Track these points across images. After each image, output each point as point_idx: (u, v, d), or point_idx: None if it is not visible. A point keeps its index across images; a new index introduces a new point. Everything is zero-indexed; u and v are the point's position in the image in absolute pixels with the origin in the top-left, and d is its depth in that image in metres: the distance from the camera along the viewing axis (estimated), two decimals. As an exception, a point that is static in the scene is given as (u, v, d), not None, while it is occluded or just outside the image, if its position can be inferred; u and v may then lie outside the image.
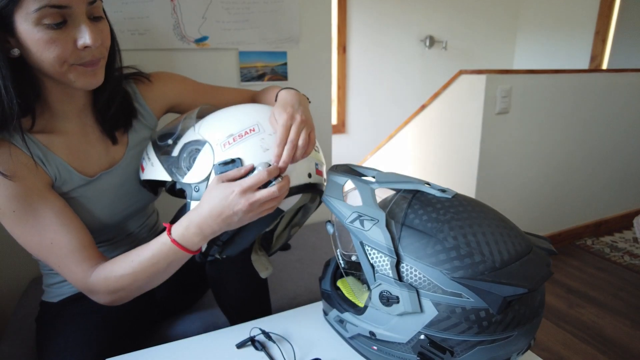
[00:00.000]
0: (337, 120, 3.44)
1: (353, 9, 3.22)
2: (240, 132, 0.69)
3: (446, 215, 0.58)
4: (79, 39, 0.66)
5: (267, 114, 0.74)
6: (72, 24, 0.66)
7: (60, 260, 0.72)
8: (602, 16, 3.29)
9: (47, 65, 0.67)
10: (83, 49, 0.67)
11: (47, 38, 0.64)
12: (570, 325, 1.76)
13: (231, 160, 0.67)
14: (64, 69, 0.68)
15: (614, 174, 2.59)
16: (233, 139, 0.69)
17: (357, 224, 0.60)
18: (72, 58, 0.67)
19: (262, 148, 0.68)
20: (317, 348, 0.69)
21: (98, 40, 0.68)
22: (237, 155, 0.68)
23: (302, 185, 0.72)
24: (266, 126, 0.71)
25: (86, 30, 0.66)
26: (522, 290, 0.49)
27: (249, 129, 0.70)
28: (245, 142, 0.69)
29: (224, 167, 0.67)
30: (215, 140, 0.70)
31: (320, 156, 0.78)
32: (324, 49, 1.58)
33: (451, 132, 2.14)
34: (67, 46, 0.66)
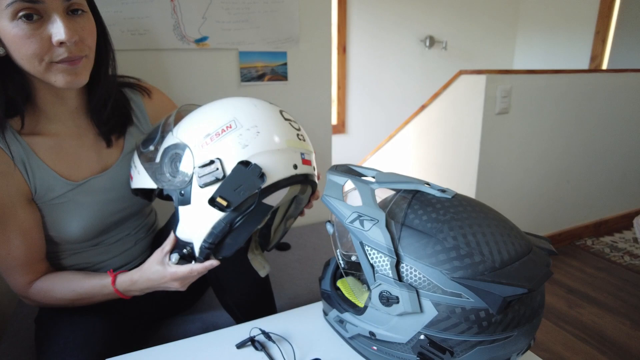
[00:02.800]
0: (337, 120, 3.44)
1: (353, 9, 3.22)
2: (217, 131, 0.67)
3: (446, 216, 0.58)
4: (54, 35, 0.65)
5: (245, 106, 0.71)
6: (48, 19, 0.64)
7: (9, 268, 0.77)
8: (602, 16, 3.29)
9: (26, 62, 0.66)
10: (59, 45, 0.65)
11: (23, 34, 0.63)
12: (570, 326, 1.76)
13: (210, 162, 0.65)
14: (42, 67, 0.67)
15: (614, 174, 2.59)
16: (210, 139, 0.67)
17: (357, 224, 0.60)
18: (48, 55, 0.66)
19: (240, 145, 0.66)
20: (317, 348, 0.69)
21: (74, 36, 0.66)
22: (216, 155, 0.66)
23: (288, 178, 0.69)
24: (244, 120, 0.68)
25: (61, 26, 0.64)
26: (522, 290, 0.49)
27: (226, 126, 0.67)
28: (222, 140, 0.66)
29: (204, 169, 0.65)
30: (193, 142, 0.68)
31: (306, 145, 0.74)
32: (324, 49, 1.58)
33: (451, 132, 2.14)
34: (44, 43, 0.65)
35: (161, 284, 0.75)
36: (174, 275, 0.72)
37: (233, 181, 0.65)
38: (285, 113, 0.74)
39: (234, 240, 0.70)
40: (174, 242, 0.74)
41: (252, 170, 0.65)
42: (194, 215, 0.69)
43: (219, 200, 0.65)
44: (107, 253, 0.88)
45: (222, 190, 0.65)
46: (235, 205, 0.65)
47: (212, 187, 0.65)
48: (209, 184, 0.65)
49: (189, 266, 0.72)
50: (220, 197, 0.65)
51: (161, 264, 0.74)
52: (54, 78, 0.68)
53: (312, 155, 0.76)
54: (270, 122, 0.69)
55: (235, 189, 0.65)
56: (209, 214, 0.67)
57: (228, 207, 0.65)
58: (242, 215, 0.67)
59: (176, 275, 0.72)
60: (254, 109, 0.70)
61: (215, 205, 0.65)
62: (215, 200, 0.65)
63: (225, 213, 0.66)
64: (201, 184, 0.65)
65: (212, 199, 0.65)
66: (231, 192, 0.65)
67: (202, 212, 0.67)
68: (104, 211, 0.83)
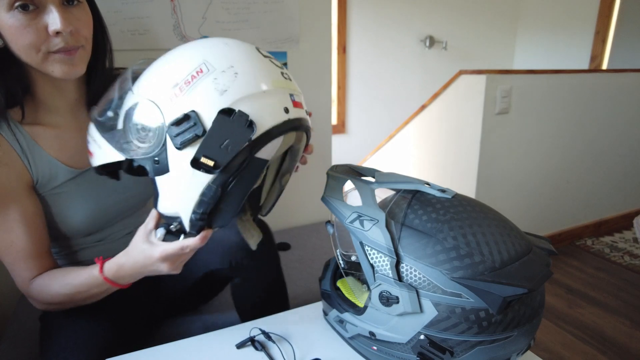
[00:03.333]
0: (337, 120, 3.44)
1: (353, 9, 3.22)
2: (186, 78, 0.56)
3: (446, 216, 0.58)
4: (50, 25, 0.65)
5: (214, 46, 0.60)
6: (44, 9, 0.65)
7: (14, 261, 0.75)
8: (602, 16, 3.29)
9: (23, 53, 0.67)
10: (55, 35, 0.66)
11: (19, 24, 0.64)
12: (570, 325, 1.76)
13: (184, 117, 0.55)
14: (40, 57, 0.67)
15: (614, 174, 2.59)
16: (179, 89, 0.56)
17: (357, 224, 0.60)
18: (45, 45, 0.67)
19: (217, 91, 0.55)
20: (317, 348, 0.69)
21: (69, 26, 0.66)
22: (190, 108, 0.55)
23: (281, 124, 0.58)
24: (216, 62, 0.57)
25: (57, 16, 0.65)
26: (522, 290, 0.49)
27: (196, 71, 0.56)
28: (194, 88, 0.55)
29: (178, 127, 0.55)
30: (160, 96, 0.57)
31: (294, 84, 0.63)
32: (324, 49, 1.58)
33: (451, 132, 2.14)
34: (40, 33, 0.65)
35: (148, 267, 0.65)
36: (164, 253, 0.62)
37: (216, 135, 0.54)
38: (262, 50, 0.63)
39: (228, 205, 0.60)
40: (157, 218, 0.65)
41: (237, 120, 0.55)
42: (176, 183, 0.58)
43: (203, 161, 0.55)
44: (114, 249, 0.88)
45: (206, 148, 0.55)
46: (224, 163, 0.55)
47: (192, 146, 0.55)
48: (188, 144, 0.55)
49: (179, 242, 0.62)
50: (204, 156, 0.55)
51: (147, 242, 0.64)
52: (51, 68, 0.69)
53: (302, 97, 0.66)
54: (248, 61, 0.58)
55: (220, 145, 0.55)
56: (195, 180, 0.57)
57: (216, 168, 0.55)
58: (235, 175, 0.57)
59: (165, 253, 0.62)
60: (225, 47, 0.59)
61: (200, 167, 0.55)
62: (199, 161, 0.55)
63: (214, 175, 0.56)
64: (178, 144, 0.55)
65: (195, 160, 0.55)
66: (217, 149, 0.55)
67: (186, 178, 0.57)
68: (107, 200, 0.83)
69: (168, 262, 0.64)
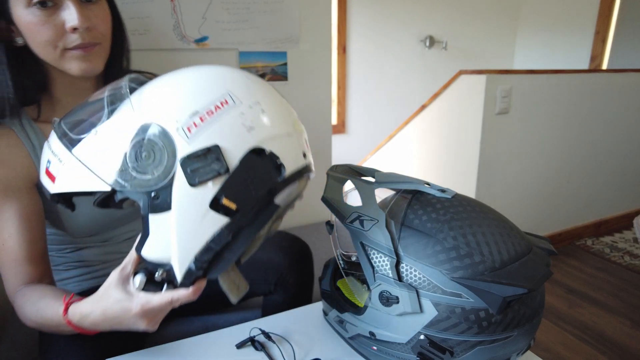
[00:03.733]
0: (337, 120, 3.44)
1: (353, 9, 3.22)
2: (209, 107, 0.50)
3: (446, 216, 0.58)
4: (67, 21, 0.65)
5: (237, 77, 0.54)
6: (61, 5, 0.65)
7: (4, 262, 0.71)
8: (602, 16, 3.29)
9: (41, 50, 0.67)
10: (72, 31, 0.66)
11: (37, 21, 0.64)
12: (570, 325, 1.76)
13: (206, 151, 0.48)
14: (57, 54, 0.67)
15: (614, 174, 2.59)
16: (200, 119, 0.49)
17: (357, 224, 0.60)
18: (62, 41, 0.66)
19: (245, 127, 0.50)
20: (317, 348, 0.69)
21: (86, 22, 0.66)
22: (213, 142, 0.48)
23: (301, 169, 0.55)
24: (242, 95, 0.52)
25: (74, 12, 0.65)
26: (522, 290, 0.49)
27: (220, 102, 0.50)
28: (218, 120, 0.49)
29: (197, 161, 0.48)
30: (174, 122, 0.49)
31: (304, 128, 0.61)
32: (324, 49, 1.58)
33: (451, 132, 2.14)
34: (57, 29, 0.65)
35: (124, 321, 0.55)
36: (146, 307, 0.52)
37: (243, 175, 0.49)
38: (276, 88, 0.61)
39: (231, 253, 0.53)
40: (136, 262, 0.56)
41: (268, 160, 0.50)
42: (178, 225, 0.50)
43: (225, 203, 0.49)
44: (115, 252, 0.88)
45: (229, 189, 0.49)
46: (248, 207, 0.50)
47: (209, 184, 0.49)
48: (206, 180, 0.48)
49: (168, 295, 0.53)
50: (226, 197, 0.49)
51: (123, 291, 0.54)
52: (69, 65, 0.69)
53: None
54: (272, 99, 0.55)
55: (245, 187, 0.49)
56: (206, 223, 0.49)
57: (237, 211, 0.50)
58: (251, 220, 0.51)
59: (148, 307, 0.52)
60: (248, 81, 0.54)
61: (220, 209, 0.49)
62: (219, 202, 0.49)
63: (231, 219, 0.50)
64: (195, 181, 0.48)
65: (216, 201, 0.49)
66: (240, 191, 0.49)
67: (194, 220, 0.49)
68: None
69: (148, 318, 0.55)
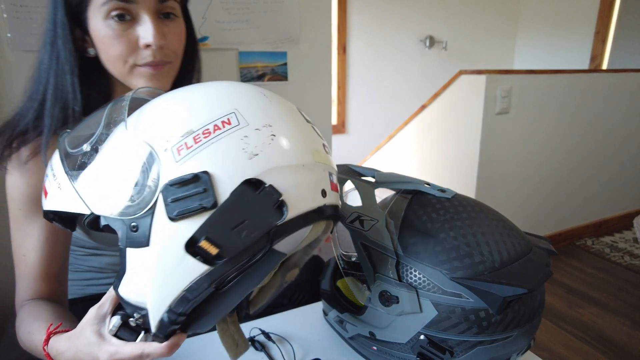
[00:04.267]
0: (337, 120, 3.44)
1: (353, 9, 3.22)
2: (206, 127, 0.41)
3: (446, 216, 0.58)
4: (142, 37, 0.64)
5: (250, 95, 0.45)
6: (138, 20, 0.64)
7: (20, 273, 0.72)
8: (602, 16, 3.29)
9: (111, 63, 0.66)
10: (145, 47, 0.65)
11: (112, 34, 0.63)
12: (570, 326, 1.76)
13: (193, 178, 0.39)
14: (126, 69, 0.66)
15: (614, 174, 2.59)
16: (193, 140, 0.40)
17: (357, 224, 0.60)
18: (133, 57, 0.65)
19: (246, 153, 0.40)
20: (316, 348, 0.69)
21: (161, 40, 0.65)
22: (203, 167, 0.39)
23: (315, 211, 0.43)
24: (250, 115, 0.43)
25: (150, 28, 0.63)
26: (522, 290, 0.49)
27: (221, 121, 0.41)
28: (215, 143, 0.40)
29: (180, 190, 0.39)
30: (162, 142, 0.41)
31: (332, 161, 0.50)
32: (324, 49, 1.58)
33: (451, 132, 2.14)
34: (131, 44, 0.64)
35: None
36: (114, 357, 0.46)
37: (232, 213, 0.39)
38: (304, 113, 0.50)
39: (217, 308, 0.44)
40: (115, 301, 0.49)
41: (265, 197, 0.40)
42: (154, 265, 0.41)
43: (203, 246, 0.39)
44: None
45: (212, 228, 0.39)
46: (233, 253, 0.39)
47: (191, 220, 0.39)
48: (187, 215, 0.39)
49: (139, 347, 0.45)
50: (207, 239, 0.39)
51: (95, 333, 0.48)
52: (136, 82, 0.67)
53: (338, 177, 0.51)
54: (289, 122, 0.45)
55: (234, 227, 0.39)
56: (183, 267, 0.40)
57: (219, 258, 0.39)
58: (240, 271, 0.41)
59: (116, 357, 0.46)
60: (263, 100, 0.45)
61: (198, 253, 0.39)
62: (197, 244, 0.39)
63: (212, 267, 0.40)
64: (173, 214, 0.39)
65: (192, 242, 0.39)
66: (226, 232, 0.39)
67: (170, 262, 0.40)
68: None
69: None
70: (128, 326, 0.47)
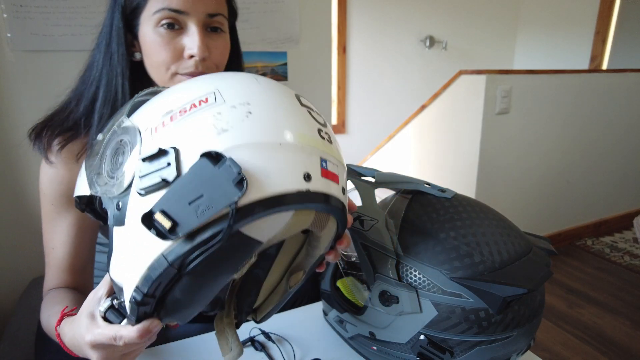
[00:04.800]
0: (337, 120, 3.44)
1: (353, 9, 3.22)
2: (184, 107, 0.41)
3: (446, 216, 0.58)
4: (187, 48, 0.66)
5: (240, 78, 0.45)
6: (186, 31, 0.67)
7: (49, 264, 0.75)
8: (602, 16, 3.29)
9: (154, 69, 0.68)
10: (189, 57, 0.67)
11: (160, 41, 0.66)
12: (570, 325, 1.76)
13: (159, 152, 0.39)
14: (168, 76, 0.68)
15: (614, 174, 2.59)
16: (170, 118, 0.41)
17: (357, 224, 0.60)
18: (176, 65, 0.67)
19: (215, 129, 0.39)
20: (316, 348, 0.69)
21: (205, 52, 0.67)
22: (172, 144, 0.39)
23: (293, 195, 0.39)
24: (230, 94, 0.42)
25: (196, 40, 0.66)
26: (521, 290, 0.49)
27: (199, 100, 0.42)
28: (188, 119, 0.40)
29: (148, 164, 0.39)
30: (146, 122, 0.43)
31: (332, 150, 0.45)
32: (324, 49, 1.58)
33: (451, 132, 2.14)
34: (176, 52, 0.67)
35: (82, 347, 0.49)
36: (93, 338, 0.46)
37: (189, 187, 0.37)
38: (304, 99, 0.48)
39: (189, 296, 0.42)
40: (110, 284, 0.48)
41: (224, 171, 0.37)
42: (127, 242, 0.41)
43: (158, 218, 0.37)
44: None
45: (167, 201, 0.37)
46: (187, 230, 0.37)
47: (156, 195, 0.38)
48: (152, 189, 0.38)
49: (112, 329, 0.45)
50: (162, 212, 0.37)
51: (89, 315, 0.48)
52: None
53: (343, 171, 0.47)
54: (274, 102, 0.43)
55: (191, 202, 0.37)
56: (146, 244, 0.39)
57: (172, 232, 0.37)
58: (202, 251, 0.38)
59: (94, 339, 0.46)
60: (252, 82, 0.45)
61: (152, 226, 0.37)
62: (152, 217, 0.37)
63: (169, 242, 0.38)
64: (140, 189, 0.39)
65: (148, 216, 0.37)
66: (182, 207, 0.37)
67: (137, 238, 0.40)
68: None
69: (100, 353, 0.47)
70: (115, 309, 0.47)
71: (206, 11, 0.66)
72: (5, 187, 1.21)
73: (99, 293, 0.49)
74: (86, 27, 1.20)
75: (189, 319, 0.46)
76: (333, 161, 0.44)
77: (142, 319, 0.43)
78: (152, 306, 0.42)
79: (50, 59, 1.18)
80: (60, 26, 1.17)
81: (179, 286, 0.41)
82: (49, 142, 0.70)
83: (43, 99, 0.95)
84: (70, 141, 0.70)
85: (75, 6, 1.17)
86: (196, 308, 0.45)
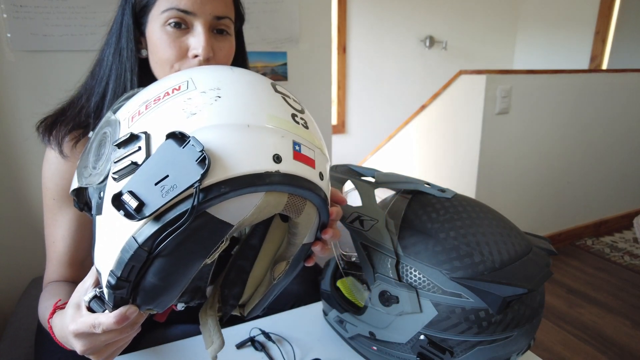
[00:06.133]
0: (337, 120, 3.44)
1: (353, 9, 3.22)
2: (158, 95, 0.43)
3: (446, 216, 0.58)
4: (192, 47, 0.67)
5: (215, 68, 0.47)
6: (192, 31, 0.68)
7: (49, 257, 0.77)
8: (602, 16, 3.29)
9: (158, 66, 0.69)
10: (193, 57, 0.68)
11: (166, 39, 0.67)
12: (570, 325, 1.76)
13: (130, 137, 0.40)
14: (170, 73, 0.68)
15: (614, 174, 2.59)
16: (145, 107, 0.43)
17: (357, 224, 0.60)
18: (179, 64, 0.68)
19: (184, 112, 0.40)
20: (316, 348, 0.69)
21: (209, 52, 0.68)
22: (144, 129, 0.40)
23: (260, 175, 0.38)
24: (202, 82, 0.43)
25: (202, 40, 0.67)
26: (521, 290, 0.49)
27: (173, 88, 0.43)
28: (161, 106, 0.42)
29: (122, 150, 0.40)
30: (125, 113, 0.45)
31: (307, 134, 0.45)
32: (324, 49, 1.58)
33: (451, 132, 2.14)
34: (181, 51, 0.68)
35: (67, 337, 0.49)
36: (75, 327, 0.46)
37: (155, 167, 0.38)
38: (280, 87, 0.48)
39: (161, 280, 0.41)
40: (96, 275, 0.49)
41: (188, 151, 0.37)
42: (103, 228, 0.42)
43: (126, 199, 0.37)
44: None
45: (136, 183, 0.38)
46: (154, 208, 0.37)
47: (128, 179, 0.39)
48: (124, 174, 0.39)
49: (91, 317, 0.45)
50: (129, 193, 0.37)
51: (75, 305, 0.48)
52: None
53: (319, 155, 0.45)
54: (244, 87, 0.43)
55: (157, 182, 0.37)
56: (118, 227, 0.39)
57: (139, 212, 0.37)
58: (170, 232, 0.38)
59: (75, 328, 0.46)
60: (226, 72, 0.46)
61: (120, 206, 0.37)
62: (121, 198, 0.38)
63: (140, 224, 0.38)
64: (113, 173, 0.40)
65: (117, 197, 0.38)
66: (149, 187, 0.37)
67: (111, 222, 0.40)
68: None
69: (82, 341, 0.47)
70: (99, 298, 0.47)
71: (213, 13, 0.67)
72: (5, 187, 1.21)
73: (86, 284, 0.49)
74: (86, 27, 1.20)
75: (167, 306, 0.46)
76: (308, 145, 0.44)
77: (119, 305, 0.43)
78: (128, 291, 0.42)
79: (50, 59, 1.18)
80: (60, 26, 1.17)
81: (152, 270, 0.40)
82: (62, 137, 0.71)
83: (43, 98, 0.95)
84: (84, 135, 0.72)
85: (75, 6, 1.18)
86: (172, 294, 0.44)
